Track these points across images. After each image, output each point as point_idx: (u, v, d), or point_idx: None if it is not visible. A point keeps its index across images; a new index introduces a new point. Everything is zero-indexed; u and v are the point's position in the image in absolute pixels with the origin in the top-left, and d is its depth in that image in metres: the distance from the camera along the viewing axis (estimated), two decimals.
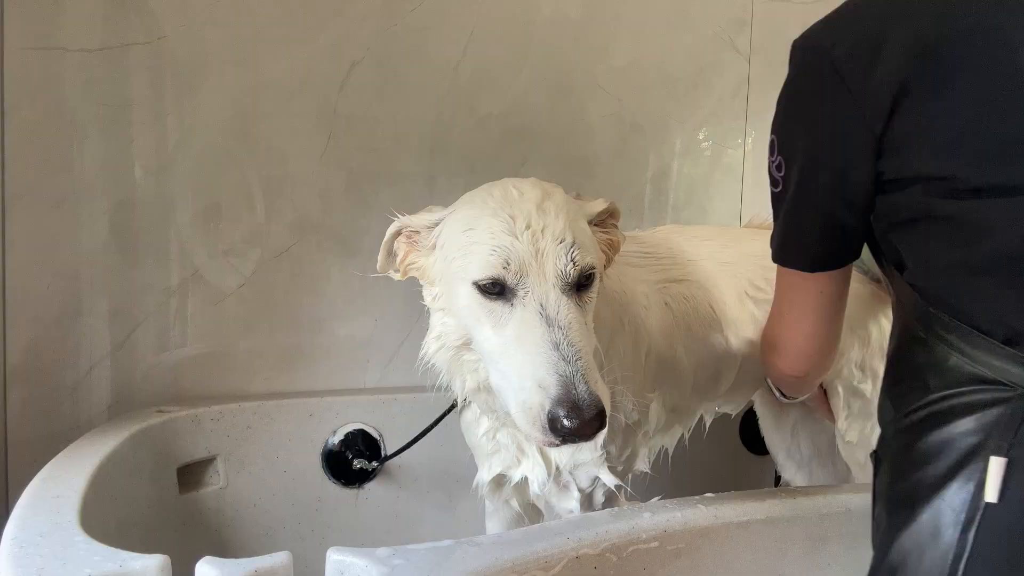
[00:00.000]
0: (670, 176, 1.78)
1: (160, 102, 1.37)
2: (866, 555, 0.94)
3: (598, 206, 0.99)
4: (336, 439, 1.46)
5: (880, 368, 1.23)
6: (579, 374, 0.78)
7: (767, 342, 1.03)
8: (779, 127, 0.89)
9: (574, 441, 0.78)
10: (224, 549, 1.33)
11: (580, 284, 0.87)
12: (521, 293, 0.85)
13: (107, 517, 0.98)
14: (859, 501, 0.97)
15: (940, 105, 0.75)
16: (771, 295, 1.21)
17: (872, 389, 1.24)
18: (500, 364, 0.85)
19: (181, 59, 1.37)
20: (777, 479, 1.53)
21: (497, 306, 0.85)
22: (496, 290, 0.85)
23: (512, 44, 1.60)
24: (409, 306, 1.57)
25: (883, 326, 1.26)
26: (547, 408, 0.77)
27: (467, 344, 0.93)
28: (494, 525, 1.24)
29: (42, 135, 1.30)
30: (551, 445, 0.81)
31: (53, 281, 1.32)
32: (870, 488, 0.84)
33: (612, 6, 1.68)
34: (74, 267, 1.33)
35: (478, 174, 1.58)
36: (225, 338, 1.45)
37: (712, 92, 1.79)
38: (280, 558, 0.71)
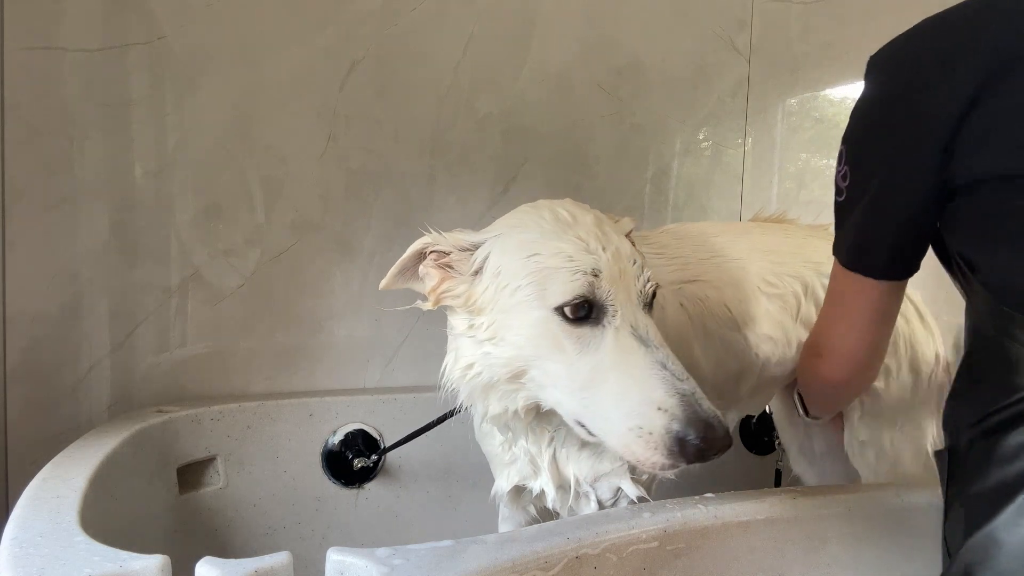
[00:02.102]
0: (670, 176, 1.78)
1: (160, 102, 1.37)
2: (866, 555, 0.95)
3: (627, 225, 0.97)
4: (336, 439, 1.46)
5: (893, 366, 1.24)
6: (697, 391, 0.76)
7: (811, 347, 1.04)
8: (852, 138, 0.90)
9: (701, 461, 0.75)
10: (224, 549, 1.33)
11: (649, 304, 0.86)
12: (611, 313, 0.81)
13: (107, 517, 0.98)
14: (859, 501, 0.97)
15: (1013, 103, 0.76)
16: (783, 290, 1.21)
17: (885, 387, 1.24)
18: (592, 392, 0.80)
19: (181, 59, 1.37)
20: (777, 479, 1.52)
21: (584, 331, 0.81)
22: (583, 313, 0.80)
23: (512, 44, 1.60)
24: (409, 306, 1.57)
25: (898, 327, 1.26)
26: (675, 430, 0.74)
27: (518, 376, 0.86)
28: (508, 529, 1.23)
29: (42, 135, 1.30)
30: (672, 468, 0.77)
31: (53, 281, 1.32)
32: (870, 488, 0.84)
33: (612, 6, 1.68)
34: (74, 267, 1.33)
35: (478, 174, 1.59)
36: (225, 338, 1.45)
37: (712, 92, 1.79)
38: (280, 558, 0.71)
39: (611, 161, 1.71)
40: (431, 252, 0.90)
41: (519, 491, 1.08)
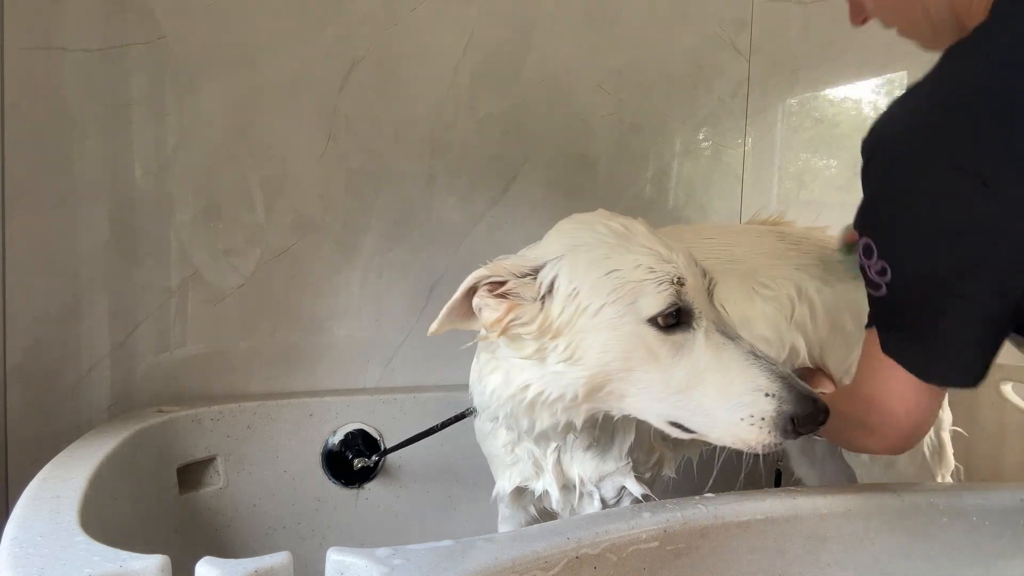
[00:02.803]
0: (670, 176, 1.78)
1: (160, 102, 1.37)
2: (866, 555, 0.94)
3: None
4: (336, 439, 1.46)
5: None
6: (790, 373, 0.80)
7: (855, 421, 0.96)
8: (881, 232, 0.83)
9: (809, 433, 0.79)
10: (224, 549, 1.33)
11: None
12: (697, 315, 0.83)
13: (107, 517, 0.98)
14: (859, 501, 0.97)
15: None
16: (777, 291, 1.21)
17: None
18: (688, 393, 0.82)
19: (181, 59, 1.37)
20: (777, 479, 1.52)
21: (677, 336, 0.82)
22: (673, 321, 0.82)
23: (512, 44, 1.60)
24: (409, 306, 1.57)
25: None
26: (787, 410, 0.77)
27: (596, 391, 0.86)
28: (508, 529, 1.23)
29: (42, 135, 1.30)
30: (778, 447, 0.80)
31: (53, 281, 1.32)
32: (870, 488, 0.84)
33: (612, 6, 1.68)
34: (74, 267, 1.33)
35: (478, 174, 1.59)
36: (225, 338, 1.45)
37: (712, 92, 1.79)
38: (280, 558, 0.71)
39: (611, 161, 1.71)
40: (484, 284, 0.88)
41: (520, 492, 1.08)
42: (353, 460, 1.45)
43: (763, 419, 0.78)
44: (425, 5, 1.52)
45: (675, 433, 0.86)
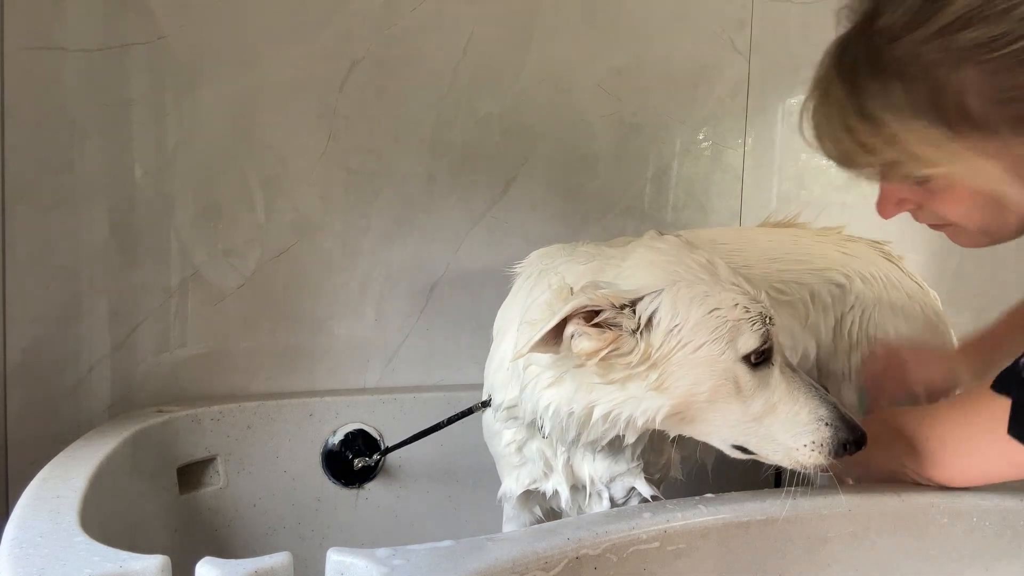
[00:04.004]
0: (670, 176, 1.78)
1: (160, 102, 1.37)
2: (866, 555, 0.94)
3: None
4: (336, 439, 1.46)
5: None
6: (835, 399, 0.89)
7: (918, 452, 0.97)
8: None
9: (852, 453, 0.88)
10: (224, 549, 1.33)
11: None
12: (775, 352, 0.89)
13: (107, 517, 0.98)
14: (859, 501, 0.97)
15: None
16: (792, 297, 1.21)
17: None
18: (759, 421, 0.88)
19: (181, 59, 1.37)
20: (777, 479, 1.52)
21: (762, 372, 0.88)
22: (762, 358, 0.88)
23: (512, 44, 1.60)
24: (409, 306, 1.57)
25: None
26: (841, 437, 0.87)
27: (672, 416, 0.88)
28: (512, 529, 1.22)
29: (42, 135, 1.30)
30: (826, 468, 0.89)
31: (53, 281, 1.32)
32: (870, 488, 0.85)
33: (612, 6, 1.68)
34: (74, 267, 1.33)
35: (478, 174, 1.59)
36: (225, 338, 1.45)
37: (712, 92, 1.79)
38: (280, 558, 0.71)
39: (611, 161, 1.71)
40: (580, 313, 0.86)
41: (528, 493, 1.07)
42: (353, 460, 1.45)
43: (822, 445, 0.87)
44: (425, 5, 1.52)
45: (735, 454, 0.92)
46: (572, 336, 0.85)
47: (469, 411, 1.16)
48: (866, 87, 0.85)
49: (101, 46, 1.32)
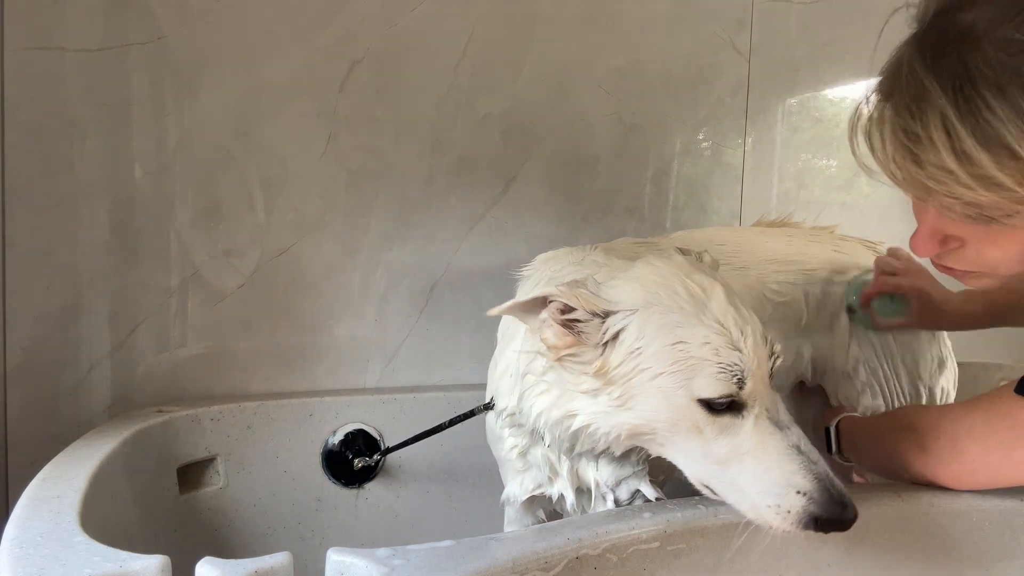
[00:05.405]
0: (670, 176, 1.78)
1: (160, 102, 1.37)
2: (866, 555, 0.94)
3: (716, 266, 0.97)
4: (336, 439, 1.46)
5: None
6: (829, 473, 0.80)
7: (922, 446, 0.96)
8: None
9: (831, 531, 0.80)
10: (224, 549, 1.33)
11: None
12: (751, 404, 0.82)
13: (107, 517, 0.98)
14: (859, 501, 0.96)
15: None
16: (787, 297, 1.21)
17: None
18: (726, 467, 0.83)
19: (181, 59, 1.37)
20: None
21: (725, 420, 0.82)
22: (725, 406, 0.82)
23: (512, 44, 1.60)
24: (409, 306, 1.57)
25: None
26: (812, 511, 0.78)
27: (639, 436, 0.87)
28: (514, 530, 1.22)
29: (42, 135, 1.30)
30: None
31: (53, 281, 1.32)
32: (870, 488, 0.84)
33: (612, 6, 1.68)
34: (74, 267, 1.33)
35: (478, 174, 1.59)
36: (225, 338, 1.45)
37: (712, 92, 1.79)
38: (280, 558, 0.71)
39: (611, 161, 1.71)
40: (554, 303, 0.86)
41: (533, 498, 1.07)
42: (353, 460, 1.45)
43: (788, 512, 0.79)
44: (425, 5, 1.52)
45: (705, 492, 0.87)
46: (543, 320, 0.86)
47: (471, 413, 1.16)
48: (989, 105, 0.71)
49: (101, 46, 1.32)
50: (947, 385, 1.29)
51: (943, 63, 0.74)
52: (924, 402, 1.26)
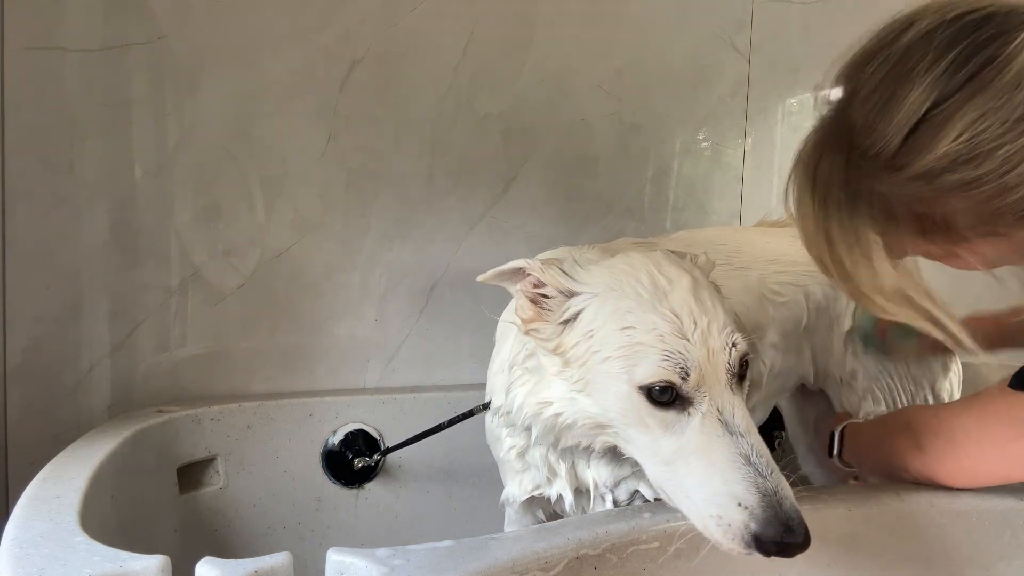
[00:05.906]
0: (670, 176, 1.78)
1: (160, 102, 1.37)
2: (866, 555, 0.94)
3: (710, 267, 0.95)
4: (336, 439, 1.46)
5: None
6: (780, 490, 0.74)
7: (919, 445, 0.96)
8: None
9: (780, 557, 0.75)
10: (224, 549, 1.33)
11: (741, 376, 0.83)
12: (698, 400, 0.79)
13: (107, 517, 0.98)
14: (859, 501, 0.97)
15: None
16: (788, 298, 1.20)
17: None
18: (674, 469, 0.80)
19: (181, 59, 1.37)
20: None
21: (669, 415, 0.79)
22: (667, 398, 0.79)
23: (512, 44, 1.60)
24: (409, 306, 1.57)
25: None
26: (753, 528, 0.73)
27: (602, 428, 0.86)
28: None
29: (42, 135, 1.30)
30: (747, 554, 0.76)
31: (53, 281, 1.32)
32: (870, 488, 0.84)
33: (612, 6, 1.68)
34: (74, 267, 1.33)
35: (478, 174, 1.59)
36: (225, 338, 1.45)
37: (712, 92, 1.79)
38: (280, 558, 0.71)
39: (611, 161, 1.71)
40: (528, 277, 0.88)
41: (532, 498, 1.07)
42: (353, 460, 1.45)
43: (729, 525, 0.74)
44: (425, 5, 1.52)
45: (663, 497, 0.85)
46: (517, 291, 0.89)
47: (470, 413, 1.16)
48: (847, 208, 0.85)
49: (101, 46, 1.32)
50: (952, 388, 1.29)
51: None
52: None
